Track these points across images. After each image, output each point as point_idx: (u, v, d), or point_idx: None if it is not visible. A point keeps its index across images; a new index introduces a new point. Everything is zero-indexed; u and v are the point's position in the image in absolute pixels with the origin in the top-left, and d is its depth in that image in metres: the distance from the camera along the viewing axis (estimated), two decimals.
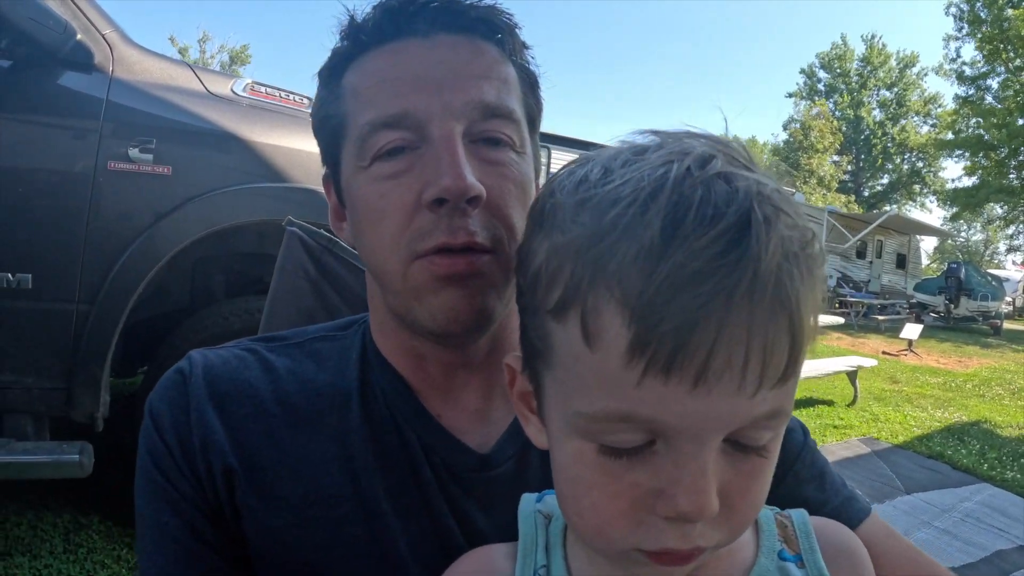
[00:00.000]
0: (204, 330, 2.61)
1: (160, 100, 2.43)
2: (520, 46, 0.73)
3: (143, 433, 0.71)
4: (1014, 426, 7.24)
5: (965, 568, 3.60)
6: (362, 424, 0.71)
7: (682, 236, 0.38)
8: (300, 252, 1.06)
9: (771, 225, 0.39)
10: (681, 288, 0.37)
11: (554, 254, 0.44)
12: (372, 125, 0.66)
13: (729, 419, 0.41)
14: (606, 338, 0.40)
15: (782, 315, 0.39)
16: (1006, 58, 25.50)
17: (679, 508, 0.42)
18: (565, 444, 0.47)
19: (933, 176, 48.00)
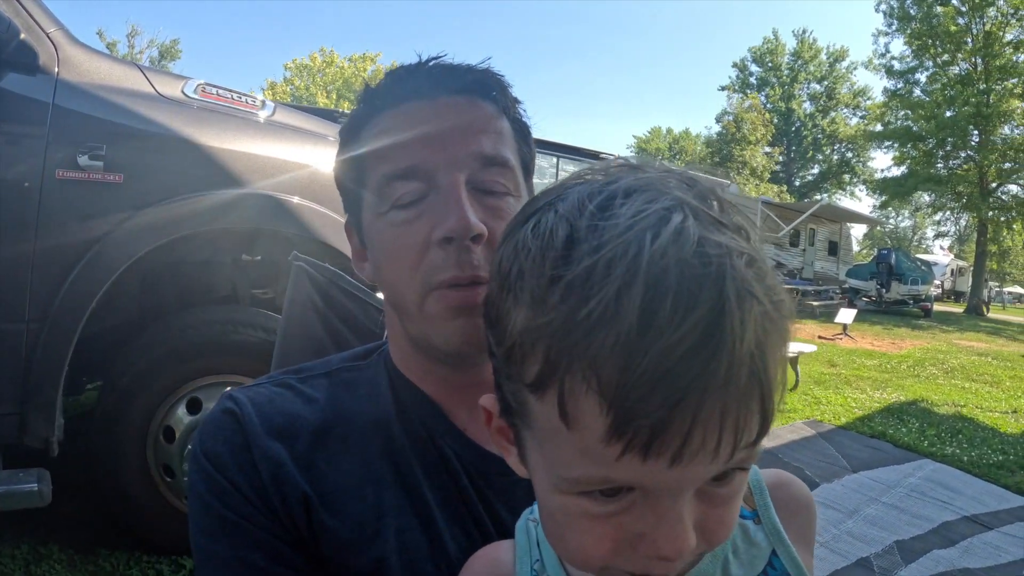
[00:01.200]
0: (162, 344, 2.53)
1: (109, 103, 2.31)
2: (512, 102, 0.83)
3: (199, 477, 0.74)
4: (949, 404, 7.57)
5: (915, 540, 3.76)
6: (405, 444, 0.78)
7: (657, 328, 0.38)
8: (307, 285, 1.10)
9: (744, 307, 0.40)
10: (657, 383, 0.38)
11: (529, 332, 0.44)
12: (387, 177, 0.76)
13: (703, 478, 0.44)
14: (584, 421, 0.41)
15: (754, 394, 0.41)
16: (934, 53, 26.46)
17: (660, 552, 0.45)
18: (550, 496, 0.49)
19: (862, 166, 49.64)
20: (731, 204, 0.47)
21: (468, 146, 0.76)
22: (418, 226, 0.75)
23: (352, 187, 0.83)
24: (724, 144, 43.37)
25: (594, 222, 0.43)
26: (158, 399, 2.48)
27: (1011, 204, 25.51)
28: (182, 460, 2.50)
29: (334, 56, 42.90)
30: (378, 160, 0.78)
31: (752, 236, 0.45)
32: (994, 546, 3.78)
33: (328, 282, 1.11)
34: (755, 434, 0.42)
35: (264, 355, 2.50)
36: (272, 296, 3.05)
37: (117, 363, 2.57)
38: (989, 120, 23.91)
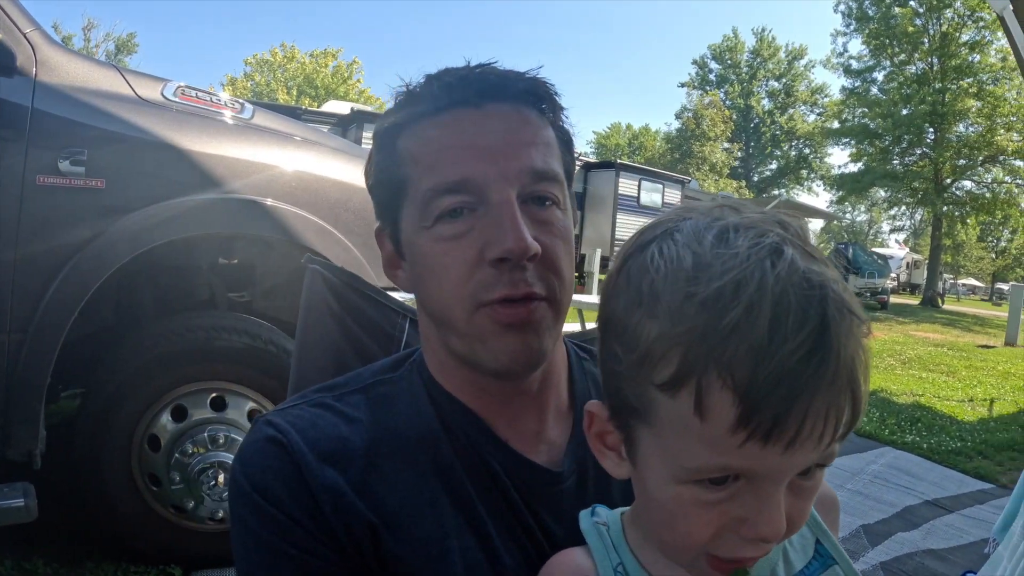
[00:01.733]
0: (144, 351, 2.48)
1: (90, 107, 2.25)
2: (559, 111, 0.81)
3: (250, 512, 0.70)
4: (908, 393, 7.77)
5: (879, 524, 3.87)
6: (454, 460, 0.77)
7: (781, 338, 0.48)
8: (323, 289, 1.07)
9: (843, 323, 0.50)
10: (780, 381, 0.48)
11: (665, 339, 0.52)
12: (434, 191, 0.73)
13: (802, 465, 0.53)
14: (716, 412, 0.50)
15: (849, 392, 0.51)
16: (891, 53, 27.10)
17: (761, 533, 0.54)
18: (665, 487, 0.57)
19: (820, 162, 50.55)
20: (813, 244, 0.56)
21: (520, 160, 0.74)
22: (468, 242, 0.72)
23: (389, 197, 0.80)
24: (684, 140, 43.79)
25: (716, 250, 0.52)
26: (142, 407, 2.45)
27: (965, 199, 26.26)
28: (168, 468, 2.47)
29: (295, 52, 42.27)
30: (424, 170, 0.75)
31: (832, 269, 0.54)
32: (955, 528, 3.92)
33: (344, 285, 1.07)
34: (848, 426, 0.52)
35: (248, 360, 2.57)
36: (249, 300, 3.04)
37: (99, 371, 2.53)
38: (944, 118, 24.60)
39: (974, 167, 25.35)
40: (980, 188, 26.19)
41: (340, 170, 2.76)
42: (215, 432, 2.49)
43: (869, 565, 3.33)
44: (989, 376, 9.62)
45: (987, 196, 25.55)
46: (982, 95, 24.15)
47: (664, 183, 19.39)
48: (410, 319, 1.07)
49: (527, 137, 0.76)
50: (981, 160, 24.85)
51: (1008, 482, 4.78)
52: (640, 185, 18.35)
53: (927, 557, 3.48)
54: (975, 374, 9.71)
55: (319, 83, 41.04)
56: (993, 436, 5.98)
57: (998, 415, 7.03)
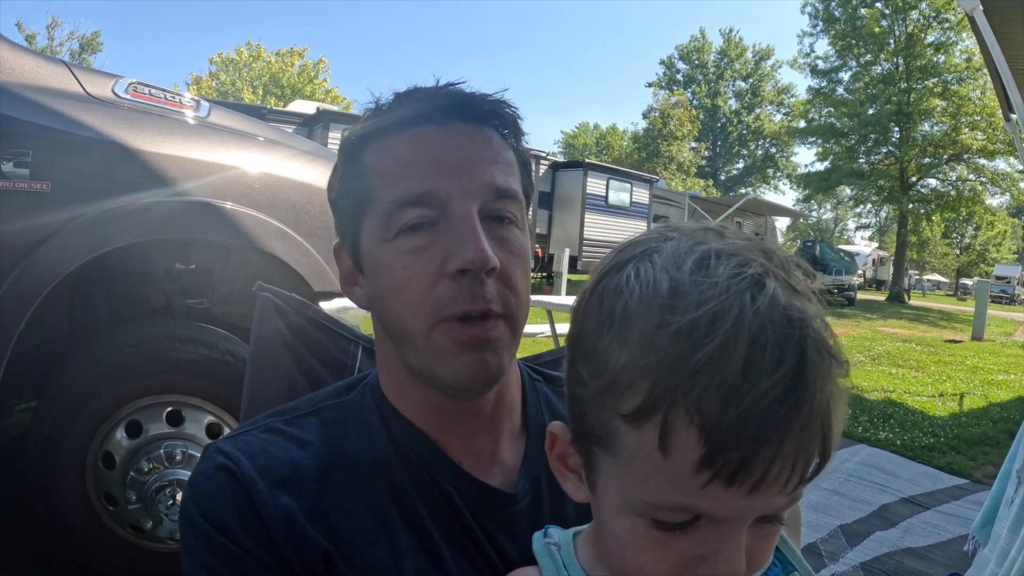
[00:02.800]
0: (97, 364, 2.35)
1: (35, 105, 2.13)
2: (520, 136, 0.83)
3: (201, 543, 0.69)
4: (879, 390, 7.86)
5: (857, 523, 3.87)
6: (407, 482, 0.77)
7: (754, 377, 0.45)
8: (274, 317, 1.05)
9: (822, 364, 0.48)
10: (750, 421, 0.45)
11: (634, 368, 0.49)
12: (397, 203, 0.74)
13: (766, 509, 0.51)
14: (680, 450, 0.47)
15: (819, 438, 0.48)
16: (857, 53, 27.49)
17: (719, 573, 0.51)
18: (619, 517, 0.55)
19: (786, 161, 51.33)
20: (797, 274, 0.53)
21: (482, 176, 0.75)
22: (429, 256, 0.73)
23: (351, 210, 0.80)
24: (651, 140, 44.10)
25: (695, 278, 0.50)
26: (95, 423, 2.32)
27: (930, 197, 26.76)
28: (124, 487, 2.34)
29: (261, 50, 41.81)
30: (387, 183, 0.75)
31: (815, 302, 0.52)
32: (933, 525, 3.94)
33: (295, 312, 1.06)
34: (815, 470, 0.50)
35: (205, 372, 2.43)
36: (207, 307, 2.92)
37: (50, 384, 2.40)
38: (910, 118, 25.08)
39: (939, 165, 25.82)
40: (945, 186, 26.69)
41: (300, 171, 2.66)
42: (172, 448, 2.37)
43: (849, 566, 3.32)
44: (958, 371, 9.79)
45: (952, 194, 26.06)
46: (947, 95, 24.61)
47: (632, 182, 19.55)
48: (363, 347, 1.06)
49: (489, 156, 0.77)
50: (946, 158, 25.30)
51: (982, 476, 4.85)
52: (608, 184, 18.48)
53: (907, 556, 3.49)
54: (944, 369, 9.87)
55: (285, 82, 40.68)
56: (965, 431, 6.06)
57: (968, 409, 7.14)
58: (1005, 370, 10.13)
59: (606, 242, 16.52)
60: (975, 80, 23.57)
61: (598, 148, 52.55)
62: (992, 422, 6.41)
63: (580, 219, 17.49)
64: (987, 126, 23.20)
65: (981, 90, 23.09)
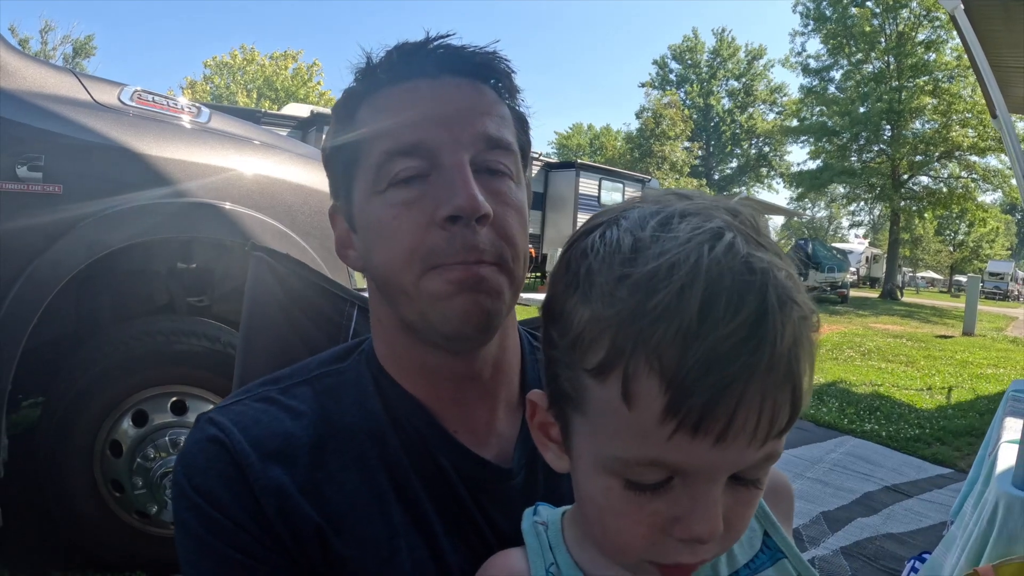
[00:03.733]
0: (104, 358, 2.47)
1: (47, 112, 2.25)
2: (514, 90, 0.81)
3: (193, 516, 0.68)
4: (867, 384, 7.92)
5: (840, 510, 3.97)
6: (402, 455, 0.75)
7: (712, 321, 0.45)
8: (269, 277, 1.03)
9: (783, 311, 0.47)
10: (710, 367, 0.45)
11: (596, 322, 0.50)
12: (388, 153, 0.72)
13: (737, 463, 0.50)
14: (643, 400, 0.47)
15: (788, 386, 0.48)
16: (848, 52, 27.50)
17: (694, 532, 0.51)
18: (595, 478, 0.54)
19: (779, 160, 51.29)
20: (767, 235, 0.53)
21: (474, 127, 0.73)
22: (420, 206, 0.71)
23: (344, 167, 0.78)
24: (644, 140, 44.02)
25: (656, 234, 0.50)
26: (102, 413, 2.44)
27: (922, 194, 26.74)
28: (131, 475, 2.46)
29: (255, 54, 41.69)
30: (378, 137, 0.74)
31: (784, 260, 0.52)
32: (914, 512, 4.02)
33: (290, 272, 1.03)
34: (785, 423, 0.49)
35: (208, 363, 2.56)
36: (208, 304, 3.02)
37: (59, 379, 2.51)
38: (901, 116, 25.07)
39: (930, 163, 25.82)
40: (937, 183, 26.70)
41: (296, 174, 2.77)
42: (176, 436, 2.49)
43: (829, 550, 3.40)
44: (947, 365, 9.85)
45: (944, 191, 26.05)
46: (938, 93, 24.60)
47: (625, 182, 19.57)
48: (358, 307, 1.03)
49: (482, 107, 0.75)
50: (937, 156, 25.30)
51: (966, 467, 4.86)
52: (601, 185, 18.52)
53: (887, 541, 3.57)
54: (933, 363, 9.94)
55: (279, 86, 40.55)
56: (951, 423, 6.13)
57: (956, 402, 7.20)
58: (994, 364, 10.20)
59: None
60: (966, 78, 23.55)
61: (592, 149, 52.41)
62: (979, 414, 6.47)
63: (573, 219, 17.47)
64: (978, 123, 23.19)
65: (972, 87, 23.11)
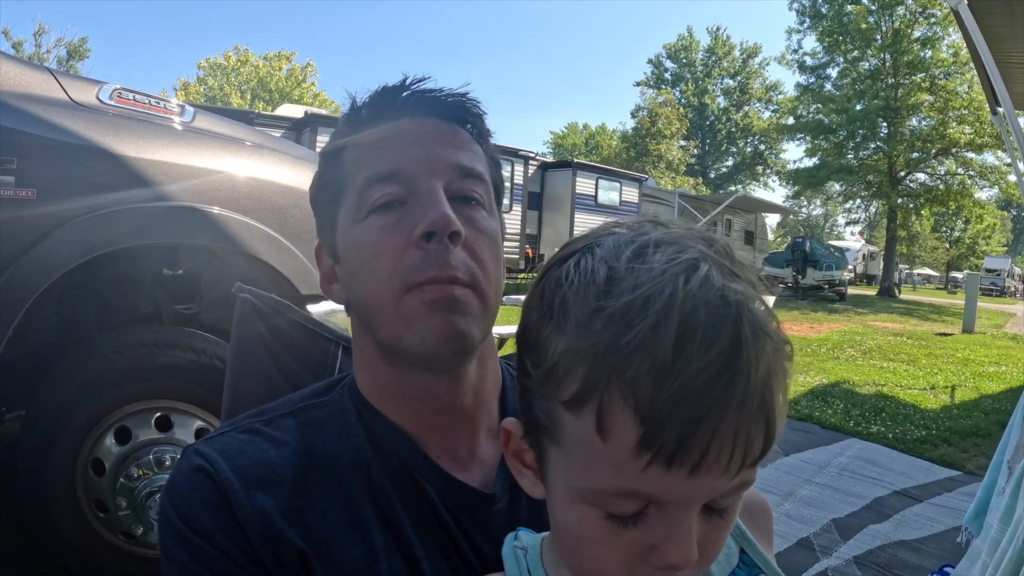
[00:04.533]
0: (85, 371, 2.35)
1: (20, 112, 2.12)
2: (486, 133, 0.86)
3: (178, 545, 0.69)
4: (870, 384, 7.89)
5: (850, 517, 3.89)
6: (384, 481, 0.76)
7: (687, 356, 0.45)
8: (254, 318, 1.04)
9: (757, 344, 0.47)
10: (685, 401, 0.45)
11: (570, 354, 0.50)
12: (368, 180, 0.77)
13: (711, 493, 0.50)
14: (618, 433, 0.47)
15: (761, 418, 0.48)
16: (845, 49, 27.53)
17: (669, 560, 0.51)
18: (570, 508, 0.54)
19: (775, 158, 51.43)
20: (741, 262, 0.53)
21: (447, 157, 0.79)
22: (399, 228, 0.75)
23: (330, 201, 0.83)
24: (640, 139, 44.11)
25: (631, 265, 0.50)
26: (84, 430, 2.32)
27: (919, 191, 26.85)
28: (114, 494, 2.34)
29: (249, 55, 41.67)
30: (359, 166, 0.79)
31: (760, 288, 0.52)
32: (926, 517, 3.95)
33: (275, 314, 1.05)
34: (759, 453, 0.49)
35: (193, 377, 2.43)
36: (196, 312, 2.91)
37: (39, 393, 2.39)
38: (897, 113, 25.14)
39: (927, 160, 25.90)
40: (933, 180, 26.78)
41: (286, 175, 2.66)
42: (161, 454, 2.36)
43: (842, 560, 3.33)
44: (949, 363, 9.83)
45: (940, 188, 26.16)
46: (934, 89, 24.68)
47: (621, 181, 19.57)
48: (343, 346, 1.06)
49: (456, 143, 0.81)
50: (934, 153, 25.38)
51: (974, 468, 4.87)
52: (597, 184, 18.51)
53: (900, 548, 3.50)
54: (935, 362, 9.92)
55: (273, 86, 40.58)
56: (957, 423, 6.10)
57: (960, 402, 7.18)
58: (996, 362, 10.19)
59: None
60: (962, 74, 23.67)
61: (587, 148, 52.58)
62: (984, 414, 6.45)
63: (570, 219, 17.50)
64: (974, 120, 23.29)
65: (968, 84, 23.19)
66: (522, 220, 16.52)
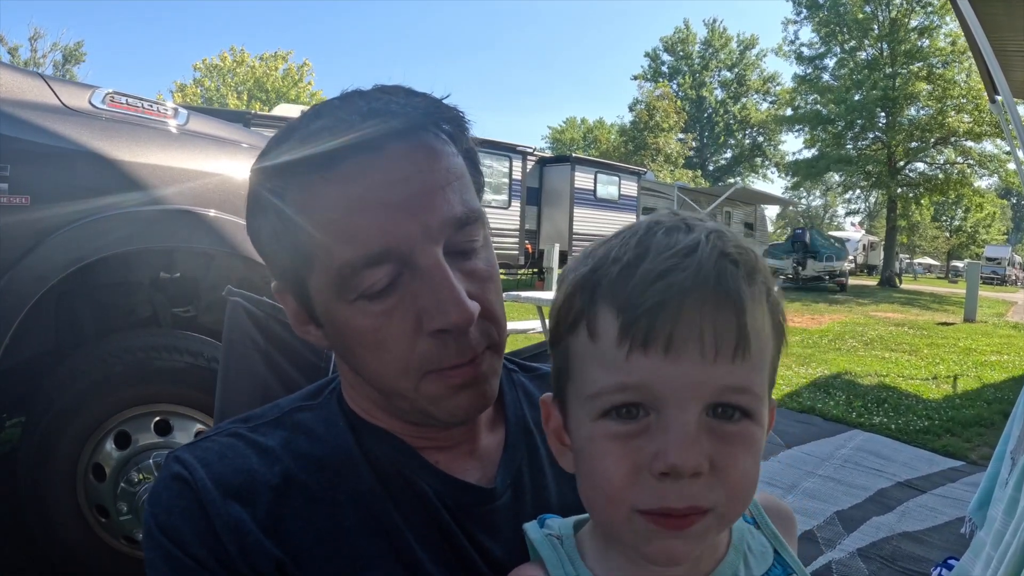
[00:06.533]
0: (83, 376, 2.34)
1: (12, 118, 2.11)
2: (463, 130, 0.74)
3: (159, 556, 0.67)
4: (872, 375, 7.87)
5: (853, 509, 3.88)
6: (376, 485, 0.73)
7: (652, 256, 0.54)
8: (246, 322, 1.03)
9: (715, 242, 0.55)
10: (649, 287, 0.53)
11: (569, 292, 0.59)
12: (354, 266, 0.66)
13: (700, 385, 0.53)
14: (603, 331, 0.55)
15: (727, 302, 0.53)
16: (842, 39, 27.52)
17: (669, 461, 0.52)
18: (583, 430, 0.58)
19: (774, 149, 51.41)
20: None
21: (439, 211, 0.67)
22: (401, 313, 0.68)
23: (290, 262, 0.71)
24: (638, 132, 44.05)
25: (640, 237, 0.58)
26: (84, 435, 2.31)
27: (918, 180, 26.85)
28: (115, 499, 2.34)
29: (245, 55, 41.62)
30: (332, 240, 0.66)
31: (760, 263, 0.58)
32: (929, 508, 3.94)
33: (267, 317, 1.04)
34: (733, 342, 0.53)
35: (191, 380, 2.41)
36: (194, 315, 2.90)
37: (38, 398, 2.39)
38: (896, 102, 25.09)
39: (926, 149, 25.88)
40: (933, 169, 26.77)
41: None
42: (161, 458, 2.35)
43: (846, 552, 3.33)
44: (951, 353, 9.82)
45: (940, 177, 26.14)
46: (932, 78, 24.64)
47: (620, 175, 19.59)
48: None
49: (441, 178, 0.69)
50: (933, 142, 25.35)
51: (977, 458, 4.86)
52: (596, 178, 18.51)
53: (904, 540, 3.50)
54: (937, 352, 9.90)
55: (270, 87, 40.53)
56: (959, 413, 6.09)
57: (962, 391, 7.17)
58: (998, 351, 10.16)
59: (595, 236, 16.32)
60: (960, 63, 23.62)
61: (585, 143, 52.51)
62: (986, 403, 6.45)
63: (569, 214, 17.52)
64: (973, 108, 23.25)
65: (966, 73, 23.14)
66: (521, 216, 16.51)
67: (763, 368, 0.57)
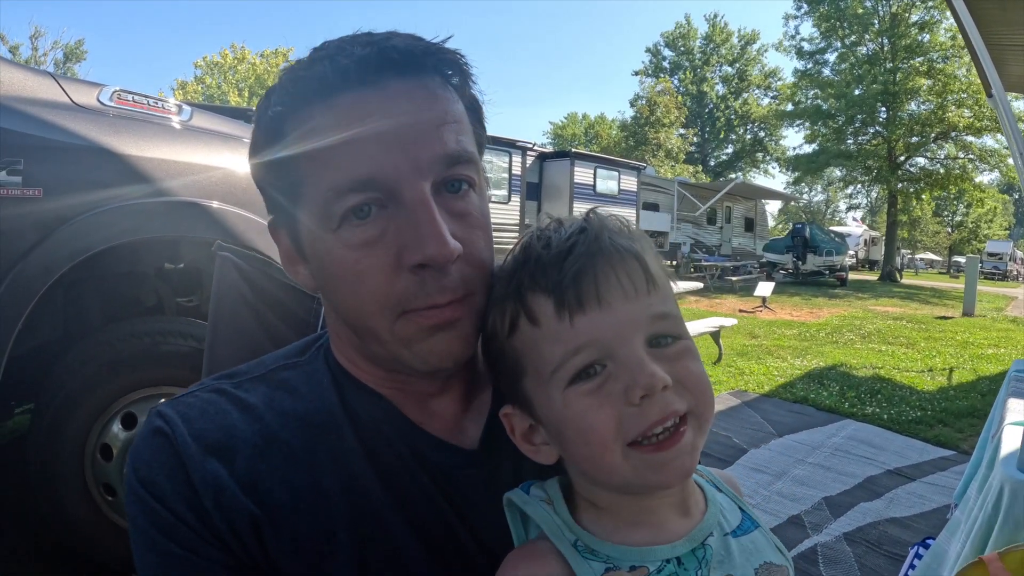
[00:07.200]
0: (91, 360, 2.44)
1: (25, 115, 2.20)
2: (467, 76, 0.73)
3: (138, 508, 0.67)
4: (867, 367, 7.91)
5: (842, 495, 3.95)
6: (356, 445, 0.73)
7: (555, 244, 0.65)
8: (235, 277, 1.02)
9: (597, 220, 0.67)
10: (564, 263, 0.63)
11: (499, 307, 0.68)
12: (336, 191, 0.65)
13: (634, 320, 0.63)
14: (542, 313, 0.64)
15: (627, 254, 0.64)
16: (842, 34, 27.46)
17: (642, 383, 0.60)
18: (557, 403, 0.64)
19: (775, 144, 51.19)
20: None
21: (431, 147, 0.67)
22: (382, 247, 0.67)
23: (282, 192, 0.72)
24: (639, 128, 43.97)
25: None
26: (92, 417, 2.41)
27: (919, 175, 26.74)
28: (122, 478, 2.43)
29: (245, 53, 41.60)
30: (321, 167, 0.66)
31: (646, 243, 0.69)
32: (918, 495, 4.00)
33: (257, 272, 1.03)
34: (644, 279, 0.64)
35: (195, 364, 2.47)
36: (197, 304, 2.99)
37: (47, 384, 2.48)
38: (896, 97, 25.04)
39: (927, 144, 25.77)
40: (933, 164, 26.67)
41: None
42: None
43: (832, 536, 3.39)
44: (948, 346, 9.85)
45: (940, 172, 26.03)
46: (933, 73, 24.56)
47: (620, 170, 19.58)
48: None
49: (436, 116, 0.68)
50: (934, 137, 25.25)
51: (969, 448, 4.86)
52: (596, 173, 18.52)
53: (890, 525, 3.55)
54: (934, 345, 9.94)
55: (271, 83, 40.21)
56: (953, 404, 6.12)
57: (957, 383, 7.20)
58: (995, 344, 10.20)
59: None
60: (960, 58, 23.51)
61: (587, 138, 52.38)
62: (980, 395, 6.48)
63: (569, 209, 17.47)
64: (973, 103, 23.15)
65: (967, 67, 23.05)
66: (521, 210, 16.53)
67: (672, 298, 0.66)
